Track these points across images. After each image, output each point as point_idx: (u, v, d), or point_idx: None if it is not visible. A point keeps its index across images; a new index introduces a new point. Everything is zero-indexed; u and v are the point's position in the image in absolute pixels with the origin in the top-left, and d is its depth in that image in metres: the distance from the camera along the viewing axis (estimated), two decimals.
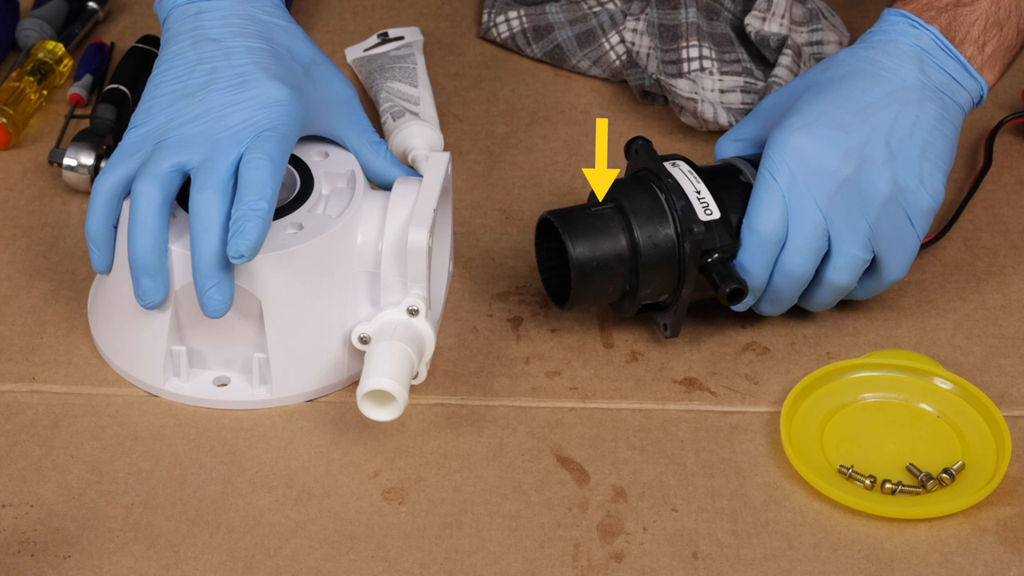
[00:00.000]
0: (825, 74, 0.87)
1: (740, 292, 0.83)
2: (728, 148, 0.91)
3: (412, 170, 0.89)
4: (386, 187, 0.87)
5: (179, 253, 0.81)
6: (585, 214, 0.85)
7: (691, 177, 0.85)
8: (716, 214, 0.84)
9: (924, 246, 0.93)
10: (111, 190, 0.82)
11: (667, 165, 0.86)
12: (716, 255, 0.84)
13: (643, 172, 0.87)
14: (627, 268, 0.84)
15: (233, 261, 0.78)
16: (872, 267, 0.86)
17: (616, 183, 0.86)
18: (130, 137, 0.83)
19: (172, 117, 0.82)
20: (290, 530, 0.78)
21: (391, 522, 0.79)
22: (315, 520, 0.79)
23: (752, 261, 0.84)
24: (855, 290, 0.88)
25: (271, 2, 0.87)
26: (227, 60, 0.83)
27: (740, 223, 0.85)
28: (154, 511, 0.79)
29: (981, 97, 0.88)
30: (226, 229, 0.78)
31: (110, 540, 0.77)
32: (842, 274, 0.85)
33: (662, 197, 0.85)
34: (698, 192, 0.84)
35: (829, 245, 0.84)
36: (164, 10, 0.87)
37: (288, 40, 0.86)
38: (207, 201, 0.78)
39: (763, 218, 0.83)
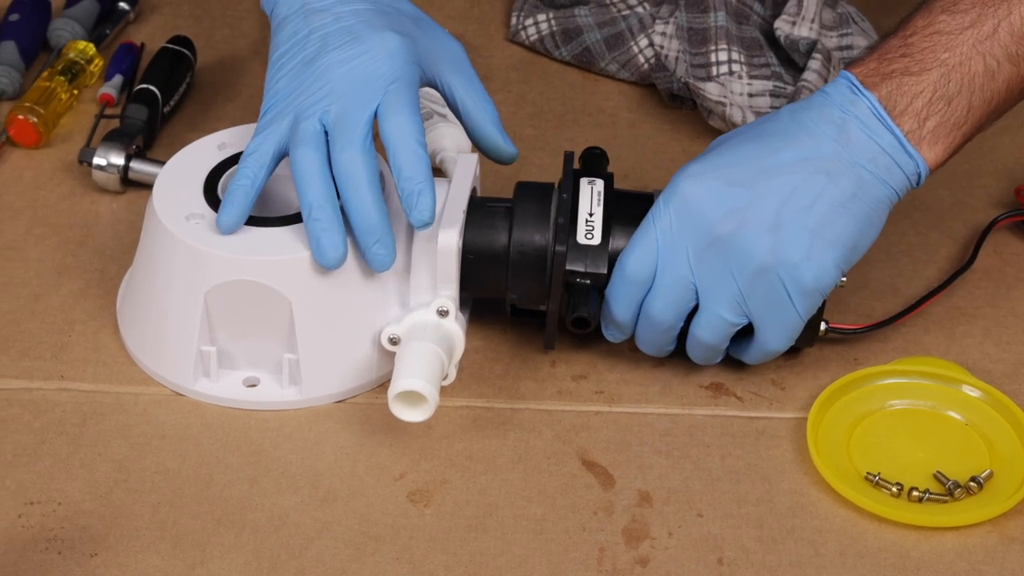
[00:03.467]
0: (758, 126, 0.83)
1: (584, 322, 0.82)
2: None
3: (506, 136, 0.88)
4: (480, 147, 0.86)
5: (213, 255, 0.81)
6: (484, 205, 0.85)
7: (595, 199, 0.84)
8: (596, 240, 0.82)
9: (869, 329, 0.88)
10: (261, 158, 0.82)
11: (583, 181, 0.85)
12: (589, 280, 0.83)
13: (563, 181, 0.87)
14: (500, 268, 0.84)
15: (421, 229, 0.80)
16: (751, 333, 0.83)
17: (524, 185, 0.86)
18: (266, 118, 0.83)
19: (299, 86, 0.83)
20: (315, 531, 0.78)
21: (416, 524, 0.79)
22: (340, 521, 0.79)
23: (615, 297, 0.83)
24: (740, 353, 0.85)
25: None
26: (337, 24, 0.84)
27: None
28: (180, 510, 0.79)
29: (919, 175, 0.81)
30: (375, 184, 0.80)
31: (136, 538, 0.77)
32: (706, 331, 0.82)
33: (552, 211, 0.84)
34: (590, 215, 0.83)
35: (699, 301, 0.82)
36: (270, 1, 0.88)
37: (392, 1, 0.87)
38: (351, 161, 0.80)
39: (631, 258, 0.82)
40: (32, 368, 0.87)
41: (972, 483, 0.80)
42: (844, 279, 0.83)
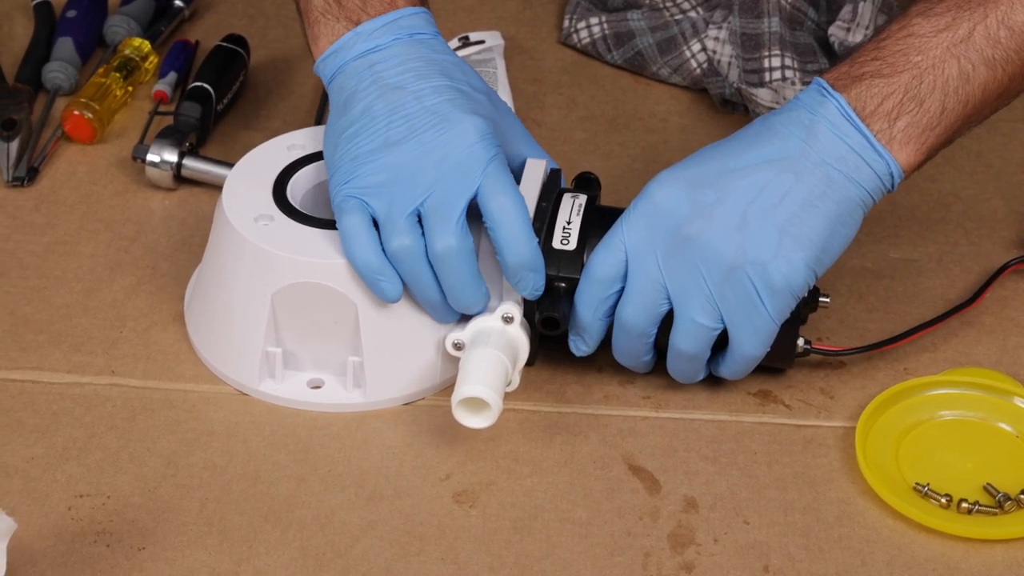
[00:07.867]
0: (734, 134, 0.83)
1: (553, 322, 0.82)
2: None
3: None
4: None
5: (281, 257, 0.81)
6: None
7: (574, 209, 0.84)
8: (572, 246, 0.83)
9: (852, 352, 0.86)
10: (359, 231, 0.81)
11: (567, 195, 0.85)
12: (563, 285, 0.83)
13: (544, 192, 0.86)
14: None
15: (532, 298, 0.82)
16: (727, 341, 0.82)
17: None
18: (351, 201, 0.81)
19: (385, 168, 0.81)
20: (361, 529, 0.78)
21: (461, 525, 0.79)
22: (386, 520, 0.79)
23: (581, 299, 0.82)
24: (718, 367, 0.84)
25: (434, 38, 0.86)
26: (419, 103, 0.82)
27: None
28: (227, 506, 0.79)
29: (892, 176, 0.80)
30: (475, 266, 0.81)
31: (184, 533, 0.78)
32: (684, 339, 0.81)
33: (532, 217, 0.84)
34: (567, 223, 0.83)
35: (673, 307, 0.81)
36: (330, 68, 0.85)
37: (463, 75, 0.85)
38: (447, 249, 0.80)
39: (597, 259, 0.81)
40: (83, 363, 0.87)
41: (1022, 496, 0.80)
42: (828, 299, 0.83)
